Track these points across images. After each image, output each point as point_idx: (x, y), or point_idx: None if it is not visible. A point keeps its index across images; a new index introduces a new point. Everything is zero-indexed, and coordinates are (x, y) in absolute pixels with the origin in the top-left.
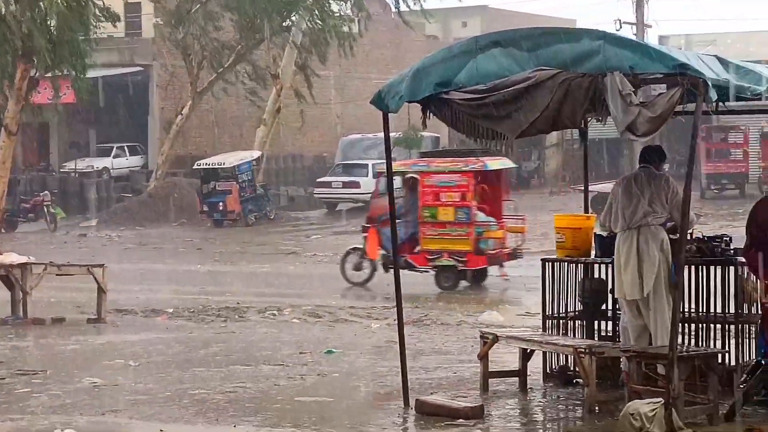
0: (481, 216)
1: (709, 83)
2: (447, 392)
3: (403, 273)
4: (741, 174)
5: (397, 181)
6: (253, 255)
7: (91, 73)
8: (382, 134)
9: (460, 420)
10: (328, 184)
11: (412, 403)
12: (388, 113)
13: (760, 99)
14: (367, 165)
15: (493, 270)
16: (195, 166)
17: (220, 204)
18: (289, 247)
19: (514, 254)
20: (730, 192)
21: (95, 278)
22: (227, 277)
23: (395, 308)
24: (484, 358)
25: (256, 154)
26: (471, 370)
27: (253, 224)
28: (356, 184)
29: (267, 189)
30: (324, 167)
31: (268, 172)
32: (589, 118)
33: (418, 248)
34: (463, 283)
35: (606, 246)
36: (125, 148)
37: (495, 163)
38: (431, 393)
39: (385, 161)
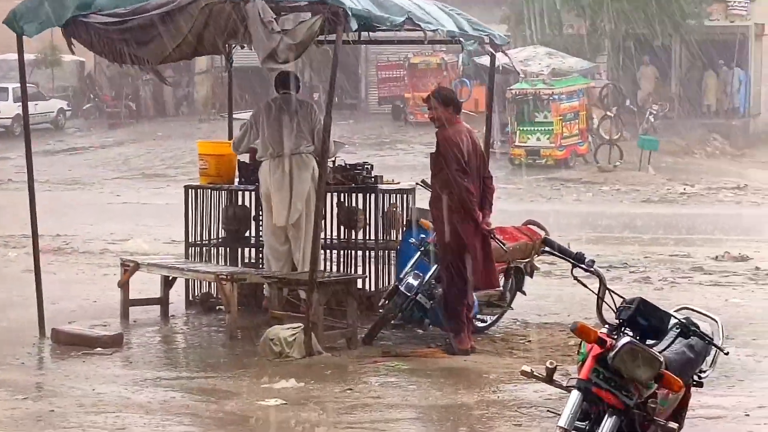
0: None
1: (349, 13)
2: (86, 322)
3: None
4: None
5: None
6: None
7: None
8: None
9: (99, 349)
10: None
11: (48, 333)
12: (22, 36)
13: (399, 30)
14: (7, 88)
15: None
16: None
17: None
18: None
19: None
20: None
21: None
22: None
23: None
24: (124, 286)
25: None
26: (112, 299)
27: None
28: None
29: None
30: None
31: None
32: (234, 45)
33: None
34: None
35: (249, 173)
36: None
37: None
38: (69, 322)
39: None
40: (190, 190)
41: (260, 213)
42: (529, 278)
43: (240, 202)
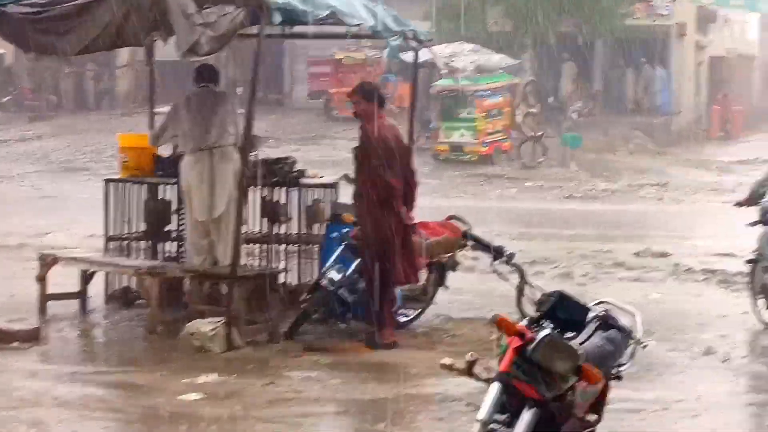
0: None
1: (272, 6)
2: (3, 316)
3: None
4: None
5: None
6: None
7: None
8: None
9: (15, 343)
10: None
11: None
12: None
13: (323, 24)
14: None
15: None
16: None
17: None
18: None
19: None
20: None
21: None
22: None
23: None
24: (42, 280)
25: None
26: (30, 294)
27: None
28: None
29: None
30: None
31: None
32: (156, 38)
33: None
34: None
35: (168, 166)
36: None
37: None
38: None
39: None
40: (110, 184)
41: (181, 207)
42: (451, 273)
43: (161, 196)
